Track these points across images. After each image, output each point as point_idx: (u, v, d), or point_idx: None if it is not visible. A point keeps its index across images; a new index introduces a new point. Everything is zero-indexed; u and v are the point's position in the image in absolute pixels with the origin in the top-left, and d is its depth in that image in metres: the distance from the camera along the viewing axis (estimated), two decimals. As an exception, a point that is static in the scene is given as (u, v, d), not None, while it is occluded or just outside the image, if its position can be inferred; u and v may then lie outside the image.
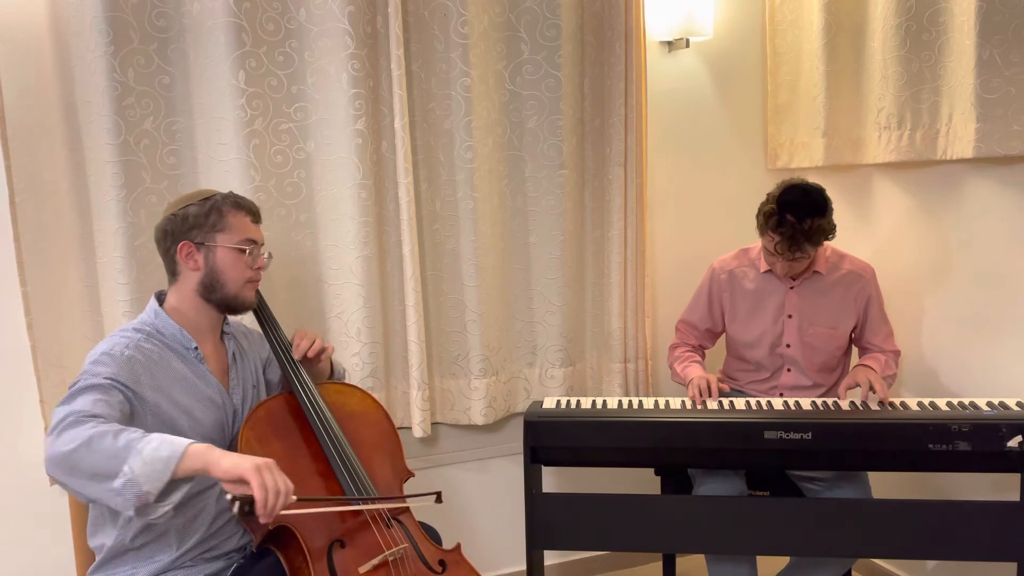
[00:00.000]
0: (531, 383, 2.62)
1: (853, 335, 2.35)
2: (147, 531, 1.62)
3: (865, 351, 2.36)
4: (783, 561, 2.39)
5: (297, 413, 1.77)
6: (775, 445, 1.98)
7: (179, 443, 1.36)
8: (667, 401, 2.15)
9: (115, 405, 1.49)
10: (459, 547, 1.80)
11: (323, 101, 2.22)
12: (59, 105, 2.04)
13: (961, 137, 2.15)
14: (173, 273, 1.72)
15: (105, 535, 1.64)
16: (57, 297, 2.07)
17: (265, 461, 1.38)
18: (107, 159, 2.03)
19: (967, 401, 2.05)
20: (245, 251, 1.72)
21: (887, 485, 2.51)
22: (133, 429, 1.39)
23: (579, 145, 2.55)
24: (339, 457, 1.71)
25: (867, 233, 2.62)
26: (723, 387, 2.21)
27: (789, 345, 2.31)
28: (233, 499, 1.35)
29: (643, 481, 2.64)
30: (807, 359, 2.31)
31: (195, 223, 1.68)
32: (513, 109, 2.47)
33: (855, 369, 2.25)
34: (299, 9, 2.19)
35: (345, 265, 2.29)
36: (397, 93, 2.25)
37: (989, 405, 2.02)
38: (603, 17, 2.50)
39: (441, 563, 1.73)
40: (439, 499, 1.77)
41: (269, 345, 1.85)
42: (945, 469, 2.01)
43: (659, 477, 2.39)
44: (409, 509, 1.79)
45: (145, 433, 1.39)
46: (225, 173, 2.15)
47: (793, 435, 1.97)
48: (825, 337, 2.30)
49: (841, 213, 2.63)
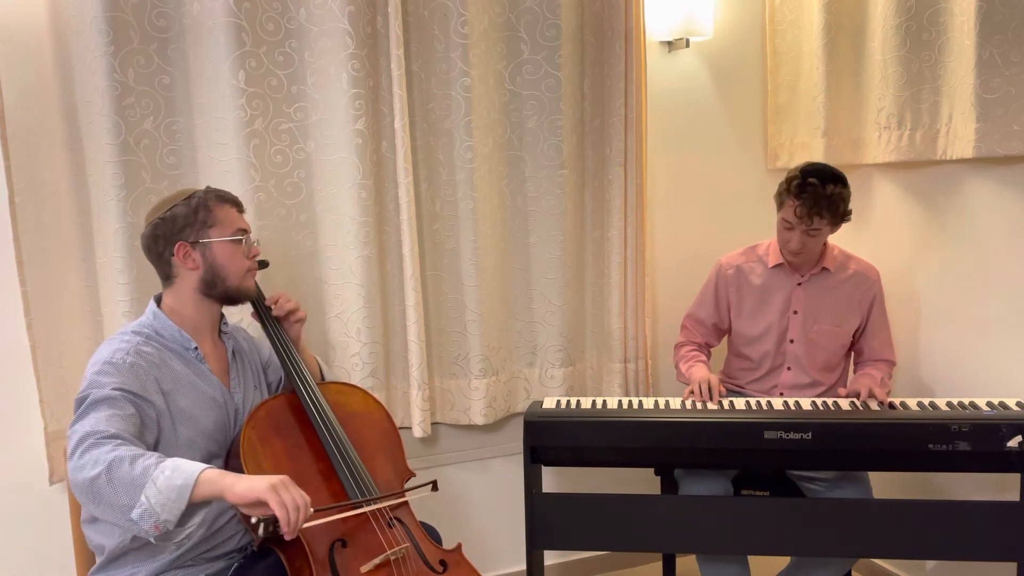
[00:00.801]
0: (531, 383, 2.62)
1: (855, 336, 2.35)
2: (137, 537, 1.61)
3: (860, 355, 2.37)
4: (782, 562, 2.39)
5: (299, 413, 1.77)
6: (775, 445, 1.98)
7: (192, 470, 1.37)
8: (667, 401, 2.15)
9: (128, 418, 1.50)
10: (460, 547, 1.80)
11: (323, 101, 2.22)
12: (59, 105, 2.04)
13: (961, 137, 2.15)
14: (168, 277, 1.71)
15: (105, 536, 1.64)
16: (57, 297, 2.07)
17: (280, 478, 1.38)
18: (107, 159, 2.03)
19: (967, 401, 2.05)
20: (241, 241, 1.73)
21: (887, 485, 2.51)
22: (148, 454, 1.40)
23: (579, 145, 2.55)
24: (341, 456, 1.72)
25: (867, 233, 2.62)
26: (721, 389, 2.20)
27: (792, 341, 2.32)
28: (257, 522, 1.36)
29: (643, 481, 2.64)
30: (809, 356, 2.31)
31: (185, 223, 1.67)
32: (513, 109, 2.47)
33: (855, 378, 2.25)
34: (299, 9, 2.19)
35: (345, 265, 2.29)
36: (397, 93, 2.25)
37: (989, 405, 2.02)
38: (603, 17, 2.50)
39: (442, 563, 1.74)
40: (435, 487, 1.79)
41: (269, 342, 1.85)
42: (945, 469, 2.01)
43: (659, 477, 2.40)
44: (410, 508, 1.80)
45: (160, 458, 1.39)
46: (225, 173, 2.15)
47: (793, 435, 1.97)
48: (829, 335, 2.31)
49: (841, 213, 2.64)
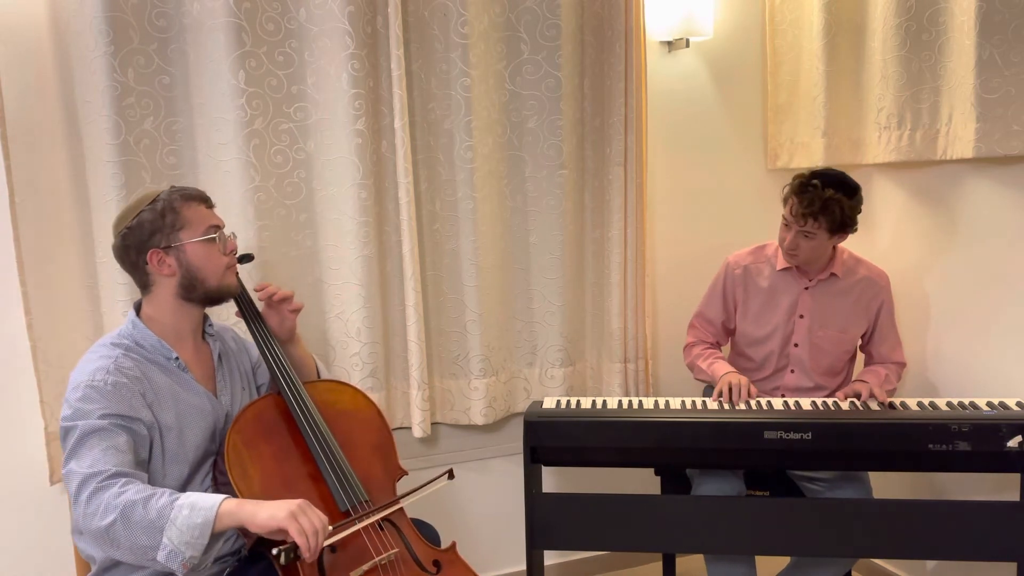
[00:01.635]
0: (531, 383, 2.62)
1: (862, 341, 2.35)
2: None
3: (871, 359, 2.36)
4: (783, 561, 2.39)
5: (286, 414, 1.74)
6: (775, 445, 1.98)
7: (211, 506, 1.40)
8: (667, 401, 2.14)
9: (123, 448, 1.49)
10: (454, 546, 1.78)
11: (323, 101, 2.22)
12: (59, 105, 2.04)
13: (961, 137, 2.15)
14: (146, 285, 1.66)
15: (94, 547, 1.60)
16: (57, 297, 2.07)
17: (298, 504, 1.42)
18: (107, 159, 2.03)
19: (967, 401, 2.05)
20: (214, 239, 1.67)
21: (887, 485, 2.51)
22: (159, 492, 1.42)
23: (579, 145, 2.55)
24: (327, 459, 1.68)
25: (867, 233, 2.62)
26: (752, 389, 2.18)
27: (797, 345, 2.31)
28: (278, 553, 1.39)
29: (643, 481, 2.64)
30: (813, 360, 2.31)
31: (154, 228, 1.62)
32: (513, 109, 2.47)
33: (854, 382, 2.25)
34: (299, 9, 2.19)
35: (345, 265, 2.29)
36: (397, 93, 2.25)
37: (989, 405, 2.02)
38: (603, 17, 2.50)
39: (436, 563, 1.71)
40: (451, 475, 1.76)
41: (255, 341, 1.81)
42: (945, 469, 2.01)
43: (659, 477, 2.40)
44: (403, 509, 1.76)
45: (172, 495, 1.42)
46: (225, 173, 2.16)
47: (793, 435, 1.97)
48: (834, 340, 2.30)
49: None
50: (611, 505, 2.08)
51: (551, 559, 2.73)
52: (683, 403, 2.14)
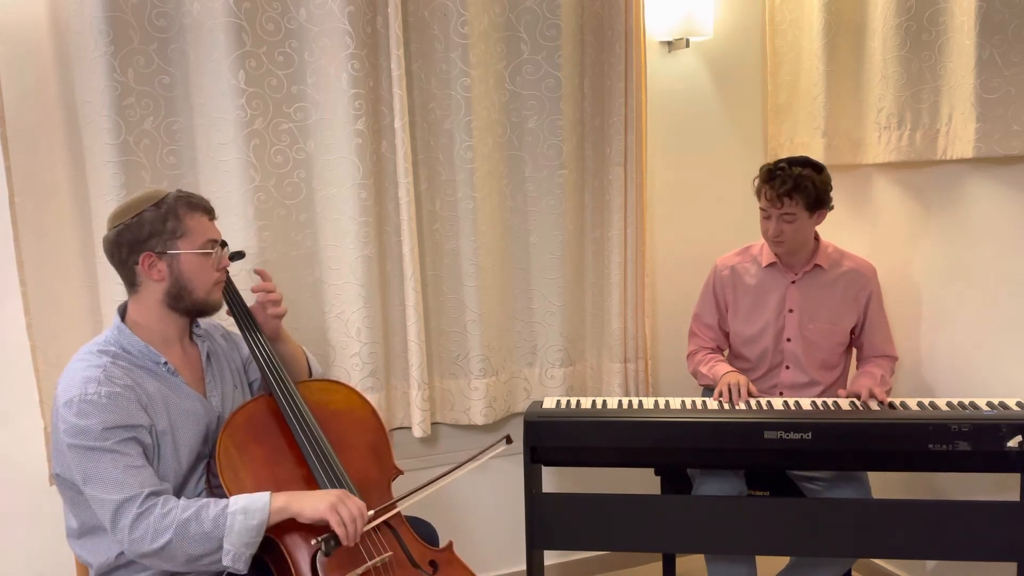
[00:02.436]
0: (531, 383, 2.62)
1: (853, 333, 2.36)
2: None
3: (862, 351, 2.36)
4: (783, 561, 2.39)
5: (278, 416, 1.72)
6: (775, 445, 1.98)
7: (262, 507, 1.49)
8: (667, 401, 2.14)
9: (139, 463, 1.51)
10: (451, 545, 1.77)
11: (323, 101, 2.22)
12: (59, 105, 2.04)
13: (961, 137, 2.15)
14: (132, 284, 1.63)
15: (90, 553, 1.61)
16: (57, 297, 2.07)
17: (337, 495, 1.53)
18: (107, 159, 2.03)
19: (967, 401, 2.05)
20: (210, 254, 1.65)
21: (887, 485, 2.51)
22: (205, 502, 1.50)
23: (579, 145, 2.55)
24: (319, 460, 1.66)
25: (867, 233, 2.62)
26: (752, 389, 2.19)
27: (790, 339, 2.32)
28: (317, 543, 1.50)
29: (643, 481, 2.64)
30: (807, 355, 2.31)
31: (153, 231, 1.58)
32: (513, 109, 2.47)
33: (855, 378, 2.25)
34: (299, 9, 2.19)
35: (345, 265, 2.29)
36: (397, 93, 2.25)
37: (989, 405, 2.02)
38: (603, 17, 2.50)
39: (432, 563, 1.70)
40: (509, 440, 1.81)
41: (245, 342, 1.79)
42: (945, 469, 2.01)
43: (659, 477, 2.40)
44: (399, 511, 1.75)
45: (218, 504, 1.49)
46: (225, 173, 2.16)
47: (793, 435, 1.97)
48: (825, 332, 2.31)
49: (841, 213, 2.64)
50: (611, 505, 2.08)
51: (551, 559, 2.73)
52: (683, 403, 2.14)
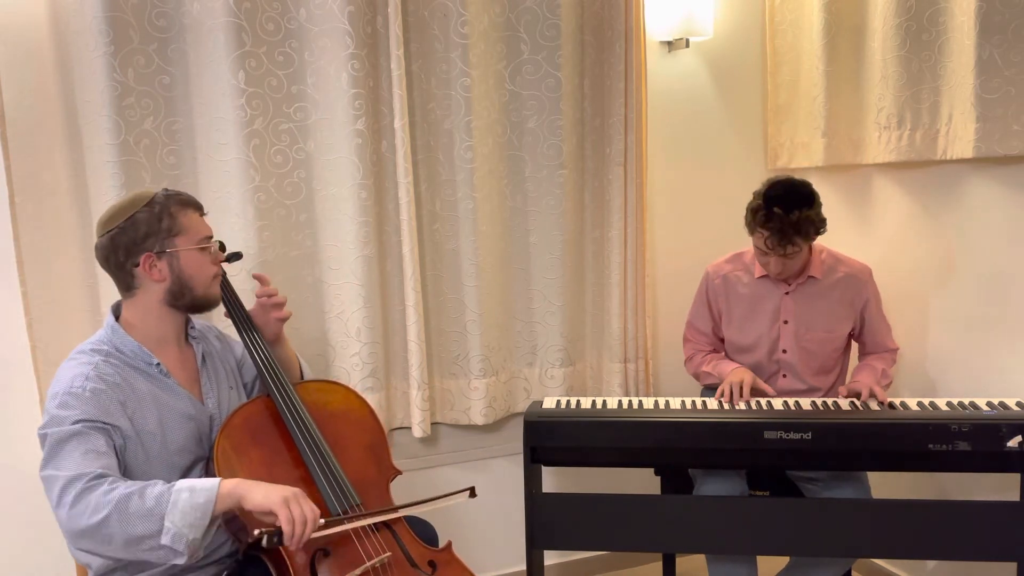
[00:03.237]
0: (531, 383, 2.62)
1: (851, 335, 2.35)
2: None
3: (864, 348, 2.36)
4: (783, 561, 2.39)
5: (275, 417, 1.72)
6: (775, 445, 1.98)
7: (211, 487, 1.43)
8: (667, 401, 2.14)
9: (103, 450, 1.47)
10: (450, 545, 1.77)
11: (323, 101, 2.22)
12: (59, 105, 2.04)
13: (961, 137, 2.15)
14: (129, 288, 1.62)
15: (90, 554, 1.57)
16: (57, 297, 2.07)
17: (292, 492, 1.45)
18: (107, 159, 2.03)
19: (967, 401, 2.05)
20: (208, 248, 1.66)
21: (887, 485, 2.51)
22: (151, 483, 1.43)
23: (579, 145, 2.55)
24: (317, 461, 1.66)
25: (867, 233, 2.62)
26: (762, 386, 2.17)
27: (785, 351, 2.30)
28: (260, 534, 1.41)
29: (643, 481, 2.64)
30: (804, 364, 2.30)
31: (149, 231, 1.58)
32: (513, 109, 2.47)
33: (855, 374, 2.25)
34: (299, 9, 2.19)
35: (345, 265, 2.29)
36: (397, 93, 2.25)
37: (989, 405, 2.02)
38: (603, 17, 2.50)
39: (431, 563, 1.70)
40: (473, 494, 1.75)
41: (243, 344, 1.80)
42: (945, 469, 2.01)
43: (659, 477, 2.40)
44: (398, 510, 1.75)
45: (164, 484, 1.43)
46: (225, 173, 2.16)
47: (793, 435, 1.97)
48: (822, 341, 2.29)
49: (841, 213, 2.64)
50: (611, 505, 2.08)
51: (551, 559, 2.73)
52: (683, 403, 2.14)
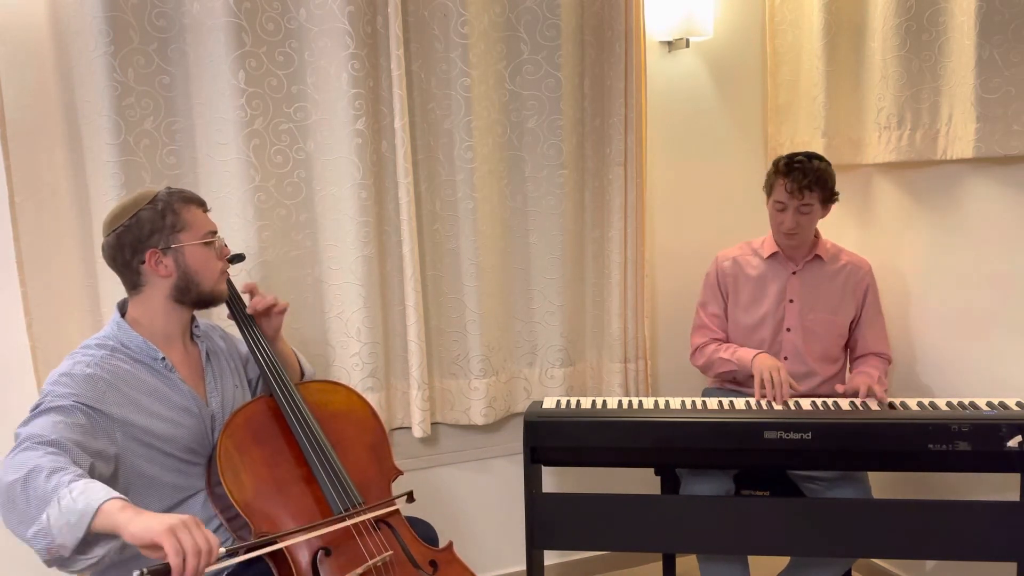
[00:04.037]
0: (531, 383, 2.62)
1: (851, 328, 2.36)
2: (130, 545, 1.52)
3: (856, 346, 2.37)
4: (782, 562, 2.39)
5: (278, 416, 1.73)
6: (775, 445, 1.98)
7: (96, 498, 1.26)
8: (667, 401, 2.14)
9: (75, 426, 1.44)
10: (451, 545, 1.77)
11: (323, 101, 2.22)
12: (59, 105, 2.04)
13: (961, 137, 2.15)
14: (136, 285, 1.65)
15: None
16: (57, 297, 2.07)
17: (182, 519, 1.25)
18: (107, 159, 2.03)
19: (967, 401, 2.05)
20: (212, 243, 1.69)
21: (887, 485, 2.51)
22: (71, 469, 1.32)
23: (579, 145, 2.55)
24: (319, 461, 1.67)
25: (867, 233, 2.62)
26: (795, 386, 2.17)
27: (789, 329, 2.33)
28: (140, 573, 1.20)
29: (643, 481, 2.64)
30: (807, 345, 2.32)
31: (153, 228, 1.61)
32: (513, 109, 2.47)
33: (852, 376, 2.25)
34: (299, 9, 2.19)
35: (345, 265, 2.29)
36: (397, 93, 2.25)
37: (989, 405, 2.02)
38: (603, 17, 2.50)
39: (432, 563, 1.71)
40: (410, 498, 1.76)
41: (246, 344, 1.81)
42: (945, 469, 2.01)
43: (659, 477, 2.40)
44: (398, 510, 1.76)
45: (80, 476, 1.31)
46: (225, 173, 2.16)
47: (793, 435, 1.97)
48: (825, 323, 2.33)
49: (841, 213, 2.64)
50: (611, 505, 2.08)
51: (551, 559, 2.73)
52: (683, 403, 2.14)
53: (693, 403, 2.14)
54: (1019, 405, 2.01)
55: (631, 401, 2.14)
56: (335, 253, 2.29)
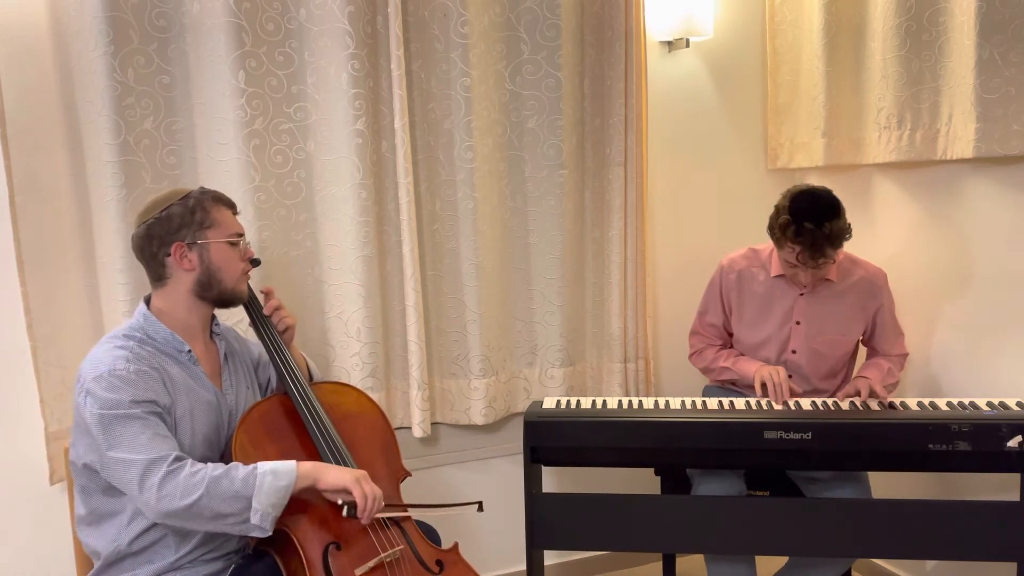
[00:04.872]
0: (531, 383, 2.62)
1: (862, 339, 2.34)
2: (145, 535, 1.61)
3: (874, 353, 2.35)
4: (781, 561, 2.39)
5: (292, 414, 1.77)
6: (775, 445, 1.98)
7: (290, 469, 1.56)
8: (667, 401, 2.14)
9: (165, 433, 1.56)
10: (456, 546, 1.79)
11: (323, 101, 2.22)
12: (59, 105, 2.04)
13: (961, 137, 2.15)
14: (161, 278, 1.68)
15: (99, 540, 1.63)
16: (57, 297, 2.07)
17: (363, 473, 1.61)
18: (107, 159, 2.03)
19: (967, 401, 2.05)
20: (237, 244, 1.72)
21: (887, 485, 2.51)
22: (232, 465, 1.55)
23: (579, 145, 2.55)
24: (334, 458, 1.71)
25: (867, 233, 2.62)
26: (795, 387, 2.17)
27: (795, 351, 2.30)
28: (343, 504, 1.58)
29: (643, 481, 2.64)
30: (812, 366, 2.29)
31: (182, 223, 1.65)
32: (513, 109, 2.47)
33: (854, 380, 2.25)
34: (299, 9, 2.19)
35: (345, 265, 2.29)
36: (397, 93, 2.25)
37: (989, 405, 2.02)
38: (603, 17, 2.50)
39: (439, 563, 1.73)
40: (480, 508, 1.81)
41: (262, 344, 1.85)
42: (945, 469, 2.01)
43: (659, 477, 2.40)
44: (406, 509, 1.79)
45: (248, 466, 1.54)
46: (225, 173, 2.15)
47: (793, 435, 1.97)
48: (833, 344, 2.28)
49: (841, 213, 2.64)
50: (611, 505, 2.08)
51: (551, 559, 2.73)
52: (683, 403, 2.14)
53: (693, 403, 2.14)
54: (1019, 405, 2.01)
55: (631, 401, 2.14)
56: (335, 253, 2.29)
